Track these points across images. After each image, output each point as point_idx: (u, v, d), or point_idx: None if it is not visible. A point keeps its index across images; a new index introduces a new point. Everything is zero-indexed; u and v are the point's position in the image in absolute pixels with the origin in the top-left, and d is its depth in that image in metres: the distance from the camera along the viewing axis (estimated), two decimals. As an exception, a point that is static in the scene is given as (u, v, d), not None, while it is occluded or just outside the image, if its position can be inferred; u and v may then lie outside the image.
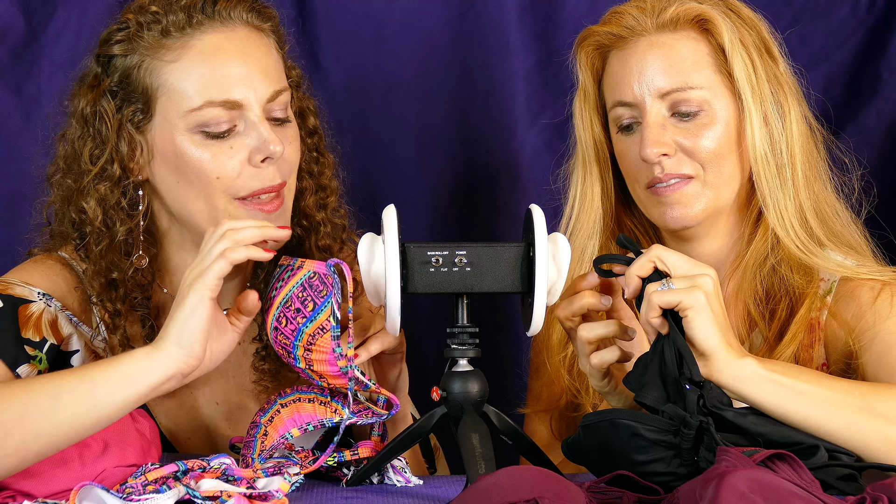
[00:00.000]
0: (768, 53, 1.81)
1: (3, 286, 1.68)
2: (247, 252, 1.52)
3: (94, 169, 1.70)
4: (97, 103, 1.71)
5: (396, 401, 1.60)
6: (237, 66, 1.67)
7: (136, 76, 1.69)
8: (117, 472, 1.49)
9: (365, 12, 2.32)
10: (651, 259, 1.55)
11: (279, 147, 1.66)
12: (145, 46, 1.69)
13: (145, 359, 1.49)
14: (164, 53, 1.68)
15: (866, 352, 1.70)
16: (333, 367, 1.53)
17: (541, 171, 2.24)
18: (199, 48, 1.68)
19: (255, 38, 1.72)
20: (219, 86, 1.66)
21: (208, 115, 1.66)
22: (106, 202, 1.71)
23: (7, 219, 2.22)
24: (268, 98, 1.69)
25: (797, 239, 1.76)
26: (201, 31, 1.68)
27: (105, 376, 1.48)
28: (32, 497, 1.45)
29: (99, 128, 1.71)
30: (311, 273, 1.54)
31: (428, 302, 2.17)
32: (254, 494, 1.44)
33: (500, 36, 2.33)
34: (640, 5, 1.80)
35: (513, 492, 1.27)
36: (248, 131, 1.67)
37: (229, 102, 1.66)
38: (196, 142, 1.67)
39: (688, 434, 1.45)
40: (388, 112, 2.34)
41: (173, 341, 1.50)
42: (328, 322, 1.52)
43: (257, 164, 1.67)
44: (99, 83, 1.72)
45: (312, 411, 1.59)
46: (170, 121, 1.68)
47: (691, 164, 1.76)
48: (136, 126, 1.70)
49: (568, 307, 1.62)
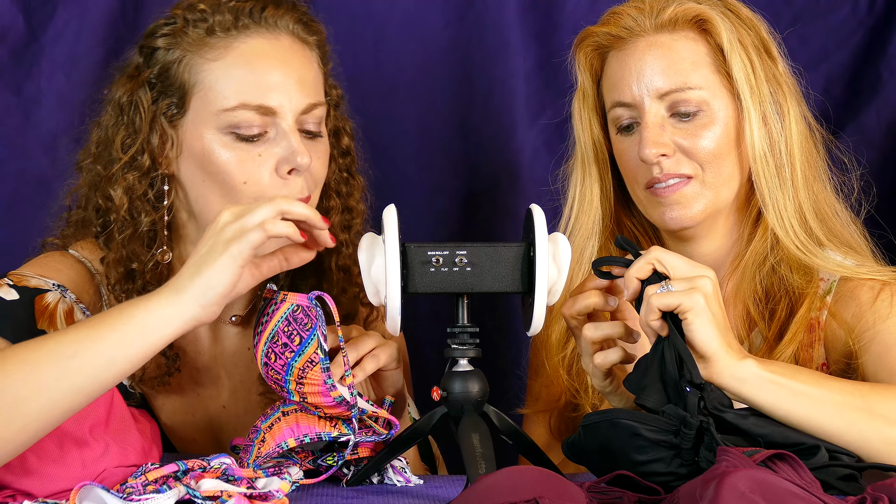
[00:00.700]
0: (767, 53, 1.81)
1: (18, 278, 1.68)
2: (286, 229, 1.47)
3: (125, 157, 1.71)
4: (134, 93, 1.72)
5: (396, 421, 1.59)
6: (276, 74, 1.68)
7: (176, 70, 1.70)
8: (117, 472, 1.49)
9: (365, 12, 2.32)
10: (650, 261, 1.54)
11: (307, 159, 1.66)
12: (189, 42, 1.70)
13: (161, 311, 1.44)
14: (207, 51, 1.69)
15: (866, 352, 1.70)
16: (327, 398, 1.53)
17: (541, 171, 2.24)
18: (242, 51, 1.69)
19: (298, 49, 1.72)
20: (255, 90, 1.67)
21: (241, 116, 1.66)
22: (133, 192, 1.71)
23: (7, 219, 2.22)
24: (302, 109, 1.69)
25: (796, 239, 1.76)
26: (246, 35, 1.69)
27: (119, 331, 1.43)
28: (32, 497, 1.45)
29: (133, 117, 1.72)
30: (295, 306, 1.53)
31: (428, 302, 2.18)
32: (254, 494, 1.44)
33: (500, 36, 2.33)
34: (639, 6, 1.80)
35: (513, 492, 1.27)
36: (278, 139, 1.67)
37: (263, 108, 1.66)
38: (225, 143, 1.67)
39: (688, 434, 1.45)
40: (389, 112, 2.34)
41: (193, 297, 1.44)
42: (316, 355, 1.51)
43: (284, 175, 1.68)
44: (139, 73, 1.73)
45: (312, 423, 1.59)
46: (202, 118, 1.68)
47: (690, 165, 1.76)
48: (170, 120, 1.70)
49: (574, 306, 1.62)
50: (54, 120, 2.22)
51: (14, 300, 1.65)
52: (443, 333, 1.56)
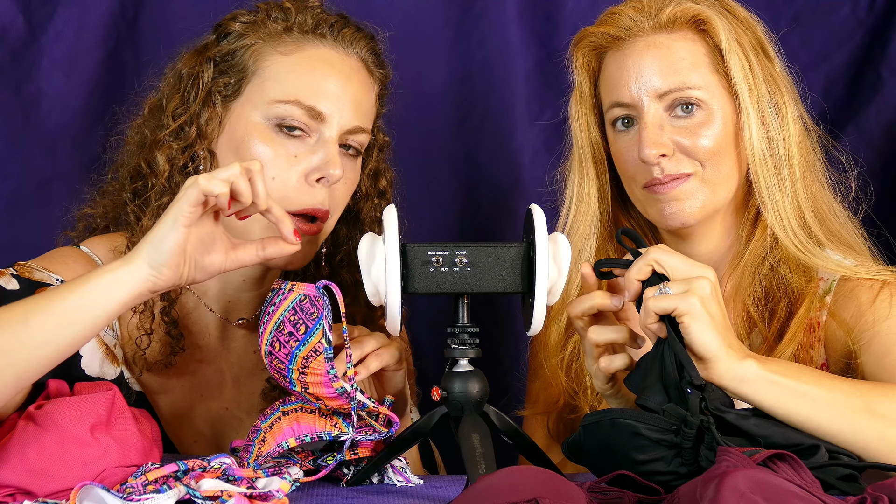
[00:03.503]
0: (764, 53, 1.81)
1: (22, 269, 1.69)
2: (218, 188, 1.47)
3: (173, 125, 1.75)
4: (198, 65, 1.76)
5: (396, 419, 1.60)
6: (336, 85, 1.72)
7: (242, 55, 1.74)
8: (118, 472, 1.49)
9: (365, 12, 2.32)
10: (648, 262, 1.54)
11: (339, 171, 1.69)
12: (264, 33, 1.74)
13: (113, 275, 1.47)
14: (278, 45, 1.73)
15: (865, 352, 1.70)
16: (329, 389, 1.53)
17: (541, 171, 2.24)
18: (311, 53, 1.73)
19: (362, 74, 1.78)
20: (312, 92, 1.71)
21: (290, 111, 1.70)
22: (175, 162, 1.74)
23: (7, 219, 2.22)
24: (349, 129, 1.73)
25: (795, 238, 1.76)
26: (320, 41, 1.75)
27: (75, 295, 1.46)
28: (33, 496, 1.45)
29: (190, 89, 1.76)
30: (302, 296, 1.54)
31: (428, 302, 2.18)
32: (254, 494, 1.44)
33: (500, 36, 2.33)
34: (637, 6, 1.80)
35: (513, 492, 1.27)
36: (317, 148, 1.71)
37: (314, 111, 1.70)
38: (266, 135, 1.71)
39: (688, 433, 1.44)
40: (389, 112, 2.34)
41: (144, 259, 1.47)
42: (321, 344, 1.52)
43: (312, 182, 1.70)
44: (206, 50, 1.77)
45: (313, 423, 1.59)
46: (253, 104, 1.72)
47: (690, 163, 1.76)
48: (223, 98, 1.74)
49: (578, 306, 1.62)
50: (54, 120, 2.22)
51: (14, 290, 1.65)
52: (443, 333, 1.56)
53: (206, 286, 1.80)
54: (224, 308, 1.82)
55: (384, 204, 1.88)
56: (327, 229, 1.76)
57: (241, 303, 1.82)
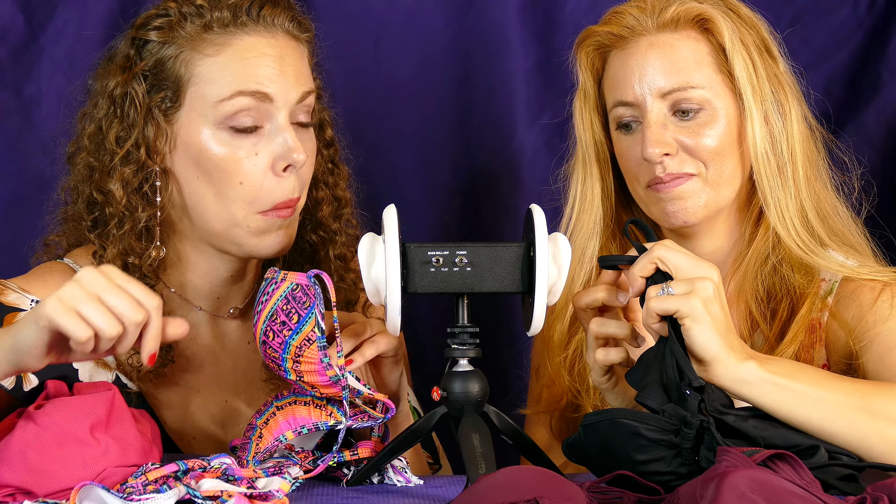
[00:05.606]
0: (768, 53, 1.81)
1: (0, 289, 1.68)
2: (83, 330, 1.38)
3: (120, 152, 1.72)
4: (128, 84, 1.72)
5: (392, 405, 1.60)
6: (272, 69, 1.70)
7: (171, 65, 1.71)
8: (118, 472, 1.49)
9: (365, 12, 2.32)
10: (652, 260, 1.54)
11: (303, 156, 1.69)
12: (185, 37, 1.71)
13: None
14: (204, 47, 1.70)
15: (867, 353, 1.70)
16: (323, 377, 1.54)
17: (541, 171, 2.24)
18: (239, 46, 1.70)
19: (293, 47, 1.75)
20: (251, 78, 1.69)
21: (237, 104, 1.68)
22: (129, 185, 1.72)
23: (7, 219, 2.22)
24: (297, 100, 1.71)
25: (798, 238, 1.76)
26: (244, 32, 1.71)
27: None
28: (33, 495, 1.45)
29: (128, 111, 1.72)
30: (294, 285, 1.55)
31: (428, 302, 2.17)
32: (254, 494, 1.44)
33: (500, 36, 2.33)
34: (641, 5, 1.80)
35: (513, 492, 1.27)
36: (273, 135, 1.69)
37: (259, 94, 1.68)
38: (221, 139, 1.69)
39: (688, 433, 1.44)
40: (388, 112, 2.34)
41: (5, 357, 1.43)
42: (313, 333, 1.52)
43: (279, 172, 1.69)
44: (131, 66, 1.73)
45: (308, 414, 1.60)
46: (198, 111, 1.69)
47: (693, 163, 1.76)
48: (164, 113, 1.71)
49: (583, 298, 1.62)
50: (54, 120, 2.22)
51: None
52: (443, 333, 1.56)
53: (190, 290, 1.80)
54: (213, 304, 1.82)
55: (334, 153, 1.87)
56: (300, 206, 1.76)
57: (230, 295, 1.83)
